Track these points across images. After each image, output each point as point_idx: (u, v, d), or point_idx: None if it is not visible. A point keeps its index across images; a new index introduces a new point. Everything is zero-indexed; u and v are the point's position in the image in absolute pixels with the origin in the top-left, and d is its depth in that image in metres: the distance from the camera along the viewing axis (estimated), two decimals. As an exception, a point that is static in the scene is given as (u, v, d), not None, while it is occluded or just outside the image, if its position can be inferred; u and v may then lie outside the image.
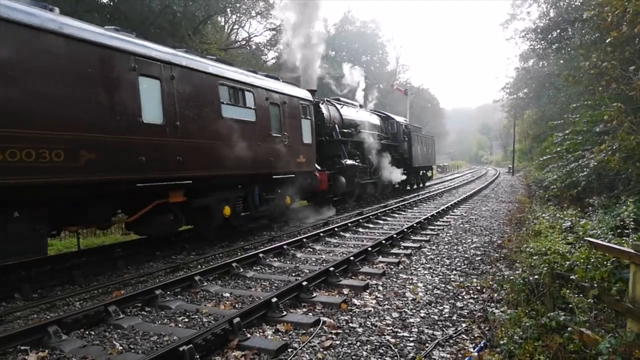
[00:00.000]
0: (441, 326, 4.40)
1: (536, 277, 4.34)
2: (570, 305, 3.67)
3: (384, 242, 8.10)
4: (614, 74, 7.57)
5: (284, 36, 19.12)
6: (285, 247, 8.01)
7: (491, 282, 5.67)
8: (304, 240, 8.69)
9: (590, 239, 4.13)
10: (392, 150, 19.08)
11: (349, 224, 10.60)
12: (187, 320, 4.69)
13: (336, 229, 9.94)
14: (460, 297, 5.33)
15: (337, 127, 14.28)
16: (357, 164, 14.84)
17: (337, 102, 15.40)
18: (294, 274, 6.53)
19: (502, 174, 40.64)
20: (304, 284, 5.35)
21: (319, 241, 9.10)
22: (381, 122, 19.15)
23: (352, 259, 6.72)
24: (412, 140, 20.87)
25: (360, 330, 4.30)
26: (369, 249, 7.47)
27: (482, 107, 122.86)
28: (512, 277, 4.89)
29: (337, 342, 4.00)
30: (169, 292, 5.55)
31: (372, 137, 16.75)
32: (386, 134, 19.28)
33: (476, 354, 3.66)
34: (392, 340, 4.03)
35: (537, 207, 11.04)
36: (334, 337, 4.12)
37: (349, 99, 18.60)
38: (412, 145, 20.83)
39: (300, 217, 12.13)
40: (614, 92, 7.89)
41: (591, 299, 3.59)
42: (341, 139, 14.37)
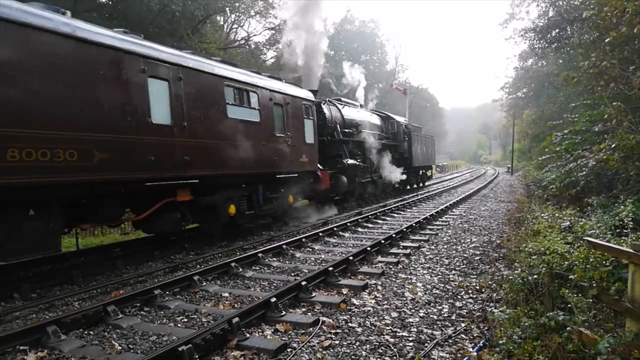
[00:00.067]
0: (440, 326, 4.40)
1: (535, 276, 4.33)
2: (569, 304, 3.67)
3: (383, 241, 8.11)
4: (613, 73, 7.56)
5: (285, 36, 19.10)
6: (284, 246, 8.02)
7: (490, 282, 5.68)
8: (303, 240, 8.69)
9: (589, 238, 4.13)
10: (392, 150, 19.12)
11: (348, 224, 10.60)
12: (186, 320, 4.69)
13: (335, 229, 9.95)
14: (459, 297, 5.34)
15: (339, 127, 14.33)
16: (358, 163, 14.91)
17: (338, 102, 15.44)
18: (293, 274, 6.53)
19: (501, 173, 40.72)
20: (303, 283, 5.35)
21: (318, 241, 9.09)
22: (381, 122, 19.18)
23: (351, 258, 6.72)
24: (412, 140, 20.96)
25: (359, 330, 4.30)
26: (368, 248, 7.47)
27: (481, 107, 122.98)
28: (511, 277, 4.89)
29: (336, 342, 4.01)
30: (168, 292, 5.55)
31: (372, 137, 16.79)
32: (386, 134, 19.32)
33: (475, 354, 3.66)
34: (391, 340, 4.03)
35: (536, 206, 11.04)
36: (333, 337, 4.13)
37: (349, 98, 18.62)
38: (412, 145, 20.92)
39: (302, 216, 12.19)
40: (613, 92, 7.89)
41: (590, 299, 3.58)
42: (342, 138, 14.41)
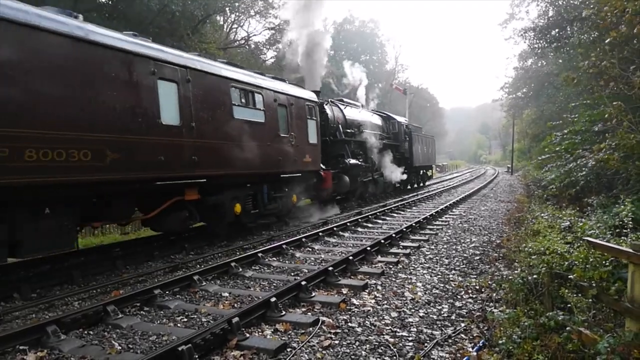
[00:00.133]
0: (440, 326, 4.41)
1: (535, 276, 4.34)
2: (568, 304, 3.67)
3: (383, 241, 8.11)
4: (613, 73, 7.56)
5: (287, 36, 19.13)
6: (284, 246, 8.02)
7: (490, 282, 5.67)
8: (303, 239, 8.69)
9: (588, 238, 4.13)
10: (393, 149, 19.18)
11: (348, 224, 10.60)
12: (186, 320, 4.69)
13: (335, 229, 9.95)
14: (459, 297, 5.34)
15: (341, 127, 14.41)
16: (360, 163, 15.00)
17: (340, 103, 15.54)
18: (293, 274, 6.53)
19: (501, 173, 40.72)
20: (303, 283, 5.35)
21: (318, 241, 9.09)
22: (383, 122, 19.22)
23: (351, 258, 6.72)
24: (413, 140, 21.05)
25: (359, 329, 4.30)
26: (368, 248, 7.47)
27: (481, 107, 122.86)
28: (510, 277, 4.89)
29: (336, 342, 4.01)
30: (167, 292, 5.55)
31: (374, 137, 16.85)
32: (387, 134, 19.36)
33: (475, 354, 3.66)
34: (391, 339, 4.03)
35: (536, 206, 11.04)
36: (332, 336, 4.13)
37: (350, 98, 18.65)
38: (413, 145, 21.01)
39: (303, 216, 12.24)
40: (612, 92, 7.89)
41: (590, 299, 3.59)
42: (345, 138, 14.49)
